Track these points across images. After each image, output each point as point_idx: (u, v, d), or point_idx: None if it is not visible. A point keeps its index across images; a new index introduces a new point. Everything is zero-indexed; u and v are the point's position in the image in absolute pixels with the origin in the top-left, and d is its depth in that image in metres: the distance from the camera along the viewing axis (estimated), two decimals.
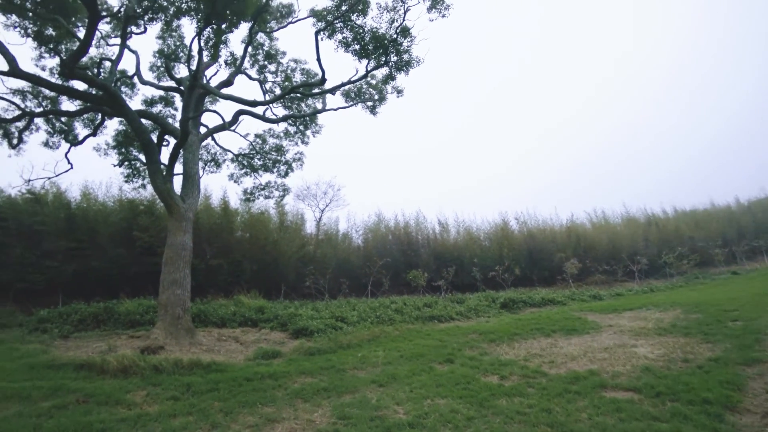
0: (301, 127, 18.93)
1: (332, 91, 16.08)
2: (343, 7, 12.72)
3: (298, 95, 17.38)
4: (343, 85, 15.56)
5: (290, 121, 18.25)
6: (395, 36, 13.09)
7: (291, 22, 15.55)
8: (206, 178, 18.68)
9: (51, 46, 13.28)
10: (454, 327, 12.41)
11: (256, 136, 18.69)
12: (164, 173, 11.97)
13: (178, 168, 13.10)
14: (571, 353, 8.43)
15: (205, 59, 14.68)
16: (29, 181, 14.86)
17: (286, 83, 17.77)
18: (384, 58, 13.83)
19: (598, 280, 21.91)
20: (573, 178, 61.78)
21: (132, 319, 11.77)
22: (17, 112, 13.56)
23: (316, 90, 16.36)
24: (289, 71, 17.62)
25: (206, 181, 17.08)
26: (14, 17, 12.10)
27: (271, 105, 16.90)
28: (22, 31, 12.47)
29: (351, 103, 17.47)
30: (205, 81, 14.61)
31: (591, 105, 68.01)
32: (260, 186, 18.76)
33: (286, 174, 19.00)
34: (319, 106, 17.89)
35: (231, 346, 10.15)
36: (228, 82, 15.74)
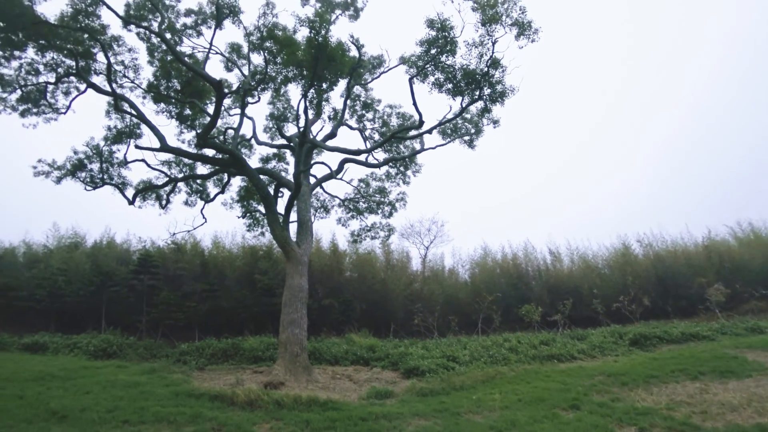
0: (402, 168, 19.61)
1: (429, 131, 16.49)
2: (432, 51, 13.18)
3: (397, 136, 18.10)
4: (439, 124, 15.89)
5: (391, 164, 18.98)
6: (486, 69, 13.13)
7: (383, 72, 16.55)
8: (316, 223, 20.18)
9: (188, 123, 15.83)
10: (577, 367, 11.28)
11: (360, 180, 19.77)
12: (281, 222, 13.28)
13: (293, 216, 14.36)
14: (730, 402, 7.09)
15: (311, 117, 16.19)
16: (173, 234, 17.51)
17: (384, 128, 18.75)
18: (477, 93, 13.88)
19: (754, 308, 18.19)
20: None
21: (255, 355, 12.95)
22: (165, 179, 16.27)
23: (414, 132, 16.94)
24: (385, 117, 18.60)
25: (316, 226, 18.54)
26: (162, 104, 14.73)
27: (372, 151, 17.85)
28: (168, 114, 15.19)
29: (448, 139, 17.71)
30: (311, 136, 15.99)
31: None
32: (366, 228, 19.59)
33: (390, 214, 19.64)
34: (418, 146, 18.37)
35: (345, 384, 10.47)
36: (332, 135, 17.09)
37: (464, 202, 52.38)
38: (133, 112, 13.61)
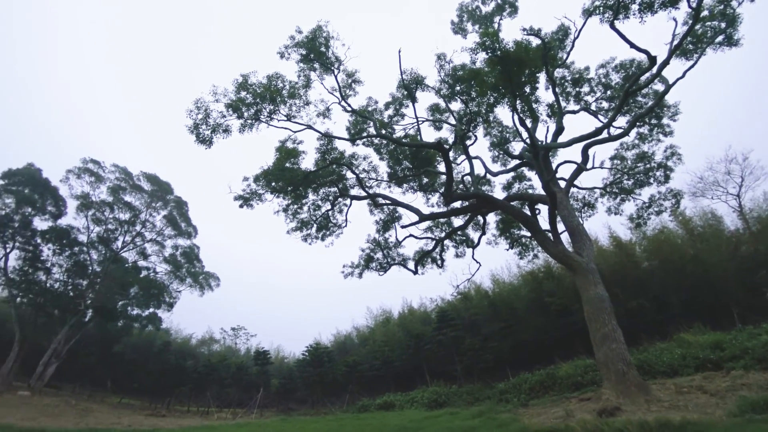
0: (654, 121, 16.40)
1: (666, 61, 13.41)
2: None
3: (632, 90, 15.36)
4: (676, 47, 12.77)
5: (639, 123, 16.15)
6: None
7: (575, 39, 14.73)
8: (586, 223, 18.53)
9: (430, 189, 17.78)
10: None
11: (611, 159, 17.50)
12: (551, 238, 12.79)
13: (560, 227, 13.63)
14: None
15: (530, 125, 15.58)
16: (457, 286, 19.27)
17: (609, 91, 16.33)
18: None
19: None
20: None
21: (574, 382, 12.21)
22: (433, 243, 18.26)
23: (647, 75, 14.04)
24: (602, 80, 16.24)
25: (587, 226, 16.87)
26: (404, 185, 17.18)
27: (611, 123, 15.64)
28: (412, 190, 17.56)
29: (696, 56, 13.90)
30: (540, 142, 15.24)
31: None
32: (644, 205, 16.89)
33: (667, 178, 16.47)
34: (660, 86, 15.11)
35: (698, 398, 8.57)
36: (560, 130, 15.86)
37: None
38: (387, 201, 16.31)
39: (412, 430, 10.81)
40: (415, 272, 17.73)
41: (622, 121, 16.21)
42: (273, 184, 14.90)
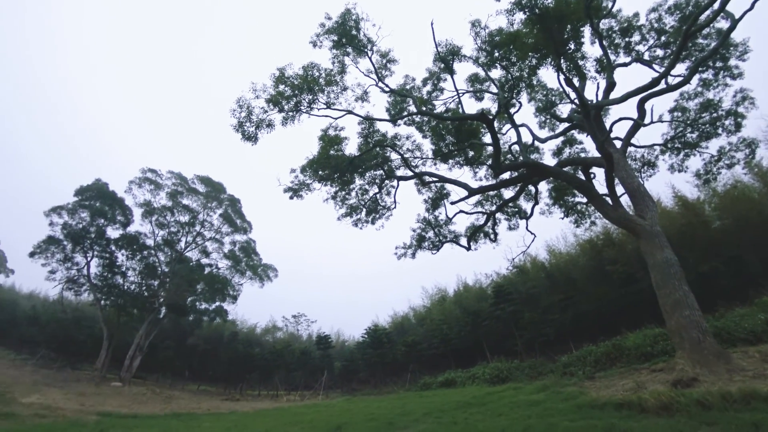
0: (719, 64, 14.93)
1: None
2: None
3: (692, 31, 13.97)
4: None
5: (701, 68, 14.81)
6: None
7: None
8: (647, 183, 17.39)
9: (477, 162, 17.25)
10: None
11: (671, 111, 16.17)
12: (610, 202, 12.05)
13: (619, 190, 12.85)
14: None
15: (577, 84, 14.68)
16: (512, 259, 18.75)
17: (663, 37, 15.02)
18: None
19: None
20: None
21: (643, 352, 11.51)
22: (484, 218, 17.84)
23: (710, 12, 12.63)
24: (654, 25, 14.92)
25: (648, 186, 15.72)
26: (450, 161, 16.78)
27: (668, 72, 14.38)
28: (458, 165, 17.07)
29: None
30: (590, 101, 14.35)
31: None
32: (713, 159, 15.56)
33: (738, 126, 15.10)
34: (724, 24, 13.66)
35: None
36: (611, 85, 14.85)
37: None
38: (434, 179, 16.07)
39: (477, 405, 10.72)
40: (468, 248, 17.43)
41: (681, 69, 14.91)
42: (320, 172, 15.10)
